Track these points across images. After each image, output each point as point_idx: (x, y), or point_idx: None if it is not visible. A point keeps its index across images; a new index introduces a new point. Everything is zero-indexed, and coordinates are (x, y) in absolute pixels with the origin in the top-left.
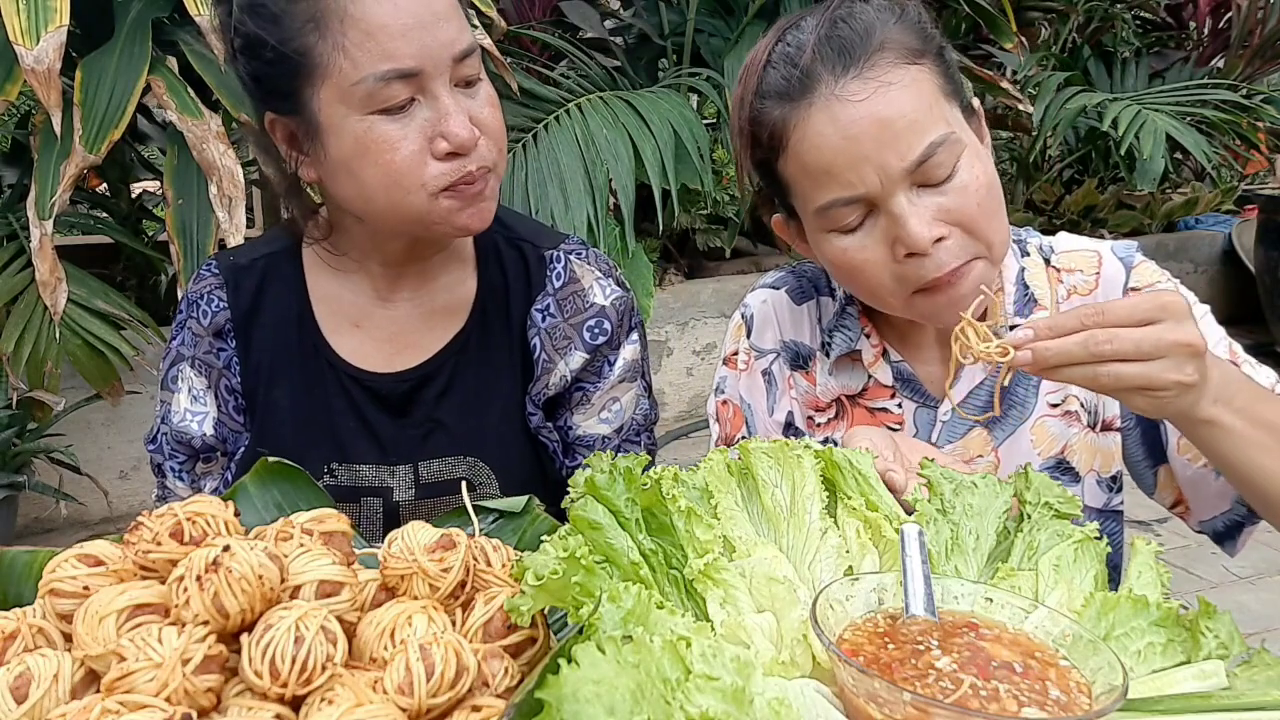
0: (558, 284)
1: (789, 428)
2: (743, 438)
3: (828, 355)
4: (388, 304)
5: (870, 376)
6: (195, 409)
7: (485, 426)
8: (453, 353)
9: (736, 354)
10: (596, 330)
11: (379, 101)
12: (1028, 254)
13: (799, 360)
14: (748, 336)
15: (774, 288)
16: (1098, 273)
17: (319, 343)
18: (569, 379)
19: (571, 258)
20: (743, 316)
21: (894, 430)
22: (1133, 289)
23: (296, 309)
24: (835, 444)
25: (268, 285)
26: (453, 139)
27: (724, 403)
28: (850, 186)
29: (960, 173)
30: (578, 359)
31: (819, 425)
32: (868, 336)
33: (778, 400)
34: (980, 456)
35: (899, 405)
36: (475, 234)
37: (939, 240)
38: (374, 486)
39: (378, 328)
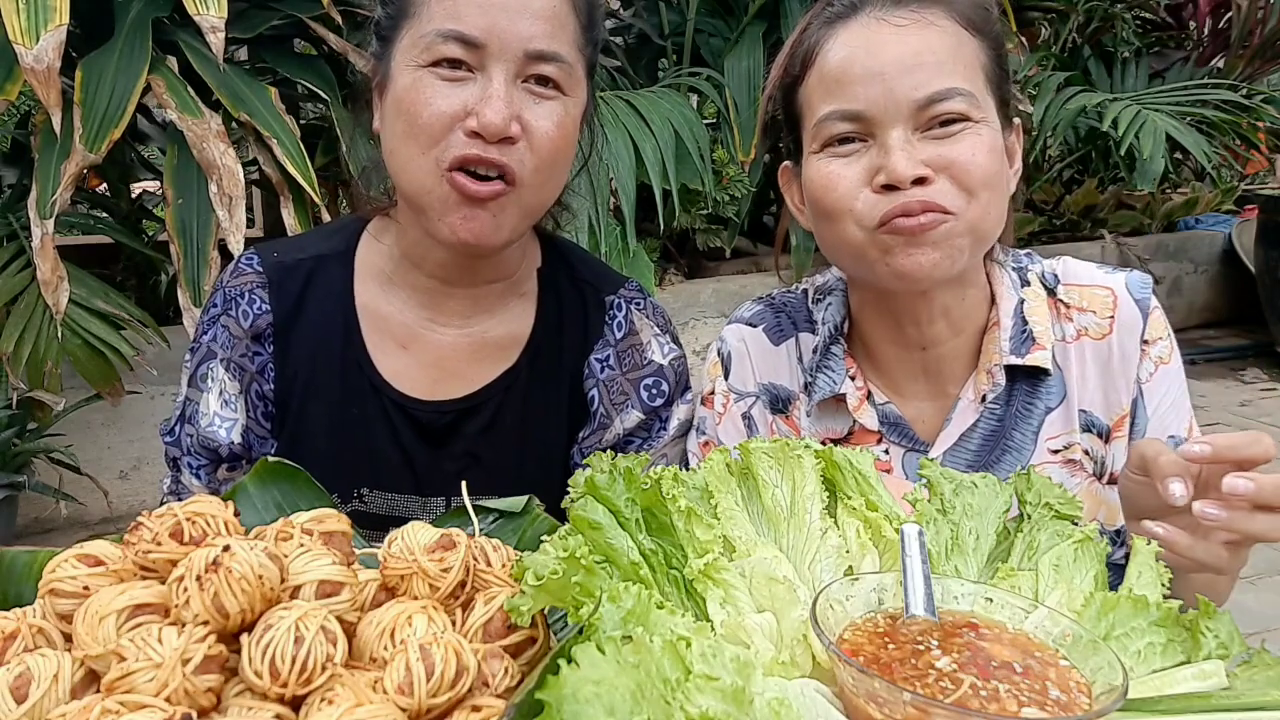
0: (618, 334)
1: None
2: None
3: (810, 396)
4: (437, 327)
5: (855, 421)
6: (225, 414)
7: (524, 468)
8: (500, 389)
9: (714, 394)
10: (654, 391)
11: (434, 55)
12: (1028, 283)
13: (779, 404)
14: (725, 377)
15: (751, 324)
16: (1112, 316)
17: (363, 360)
18: (621, 436)
19: (632, 307)
20: (719, 354)
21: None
22: (1145, 341)
23: (341, 321)
24: None
25: (312, 290)
26: (481, 117)
27: (705, 443)
28: (855, 100)
29: (967, 138)
30: (633, 418)
31: None
32: (853, 379)
33: None
34: None
35: (886, 451)
36: (465, 247)
37: (920, 181)
38: (404, 517)
39: (425, 351)
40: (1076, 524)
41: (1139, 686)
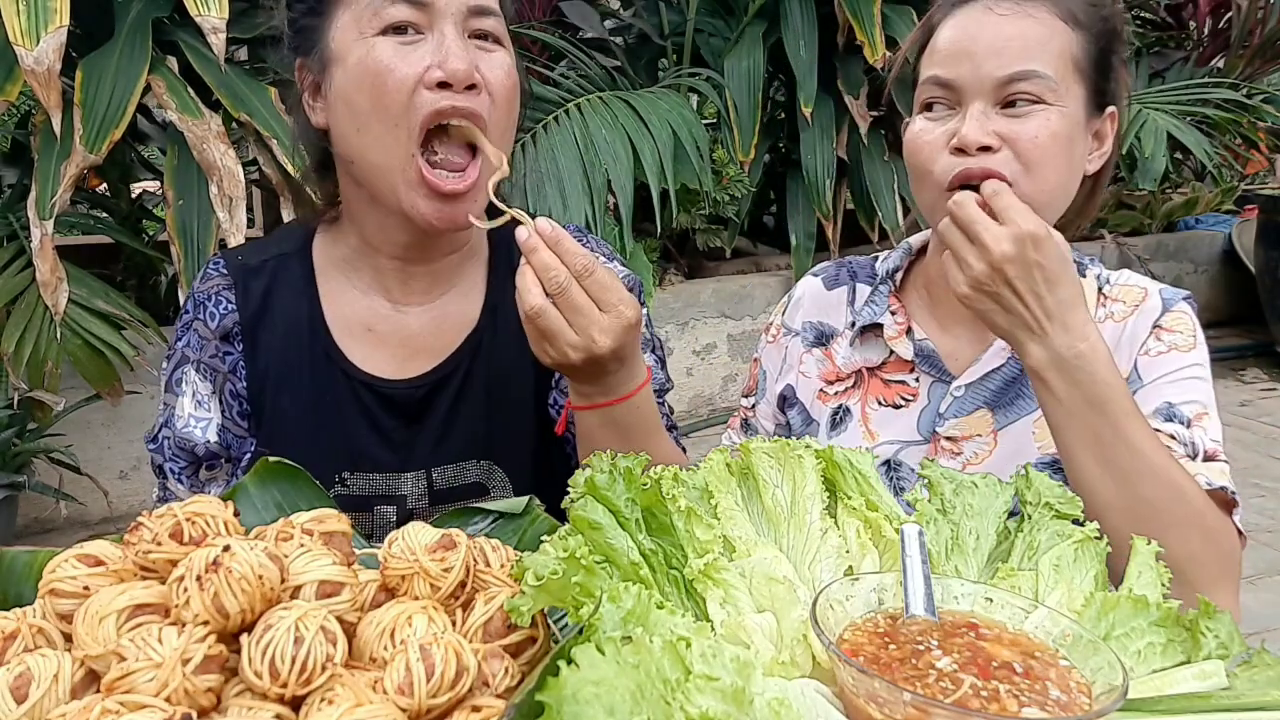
0: None
1: (783, 400)
2: (753, 395)
3: (854, 328)
4: (400, 308)
5: (891, 351)
6: (199, 415)
7: (497, 427)
8: (466, 354)
9: (772, 324)
10: None
11: (383, 21)
12: (1084, 276)
13: (822, 338)
14: (783, 314)
15: (815, 275)
16: (1138, 305)
17: (330, 348)
18: None
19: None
20: (789, 295)
21: (907, 401)
22: (1158, 326)
23: (307, 313)
24: (847, 411)
25: (276, 287)
26: (446, 67)
27: (755, 360)
28: (947, 68)
29: (1036, 117)
30: None
31: (832, 395)
32: (893, 314)
33: (782, 374)
34: (979, 435)
35: (916, 379)
36: (436, 232)
37: (985, 149)
38: (387, 495)
39: (391, 332)
40: (1077, 524)
41: (1139, 686)
